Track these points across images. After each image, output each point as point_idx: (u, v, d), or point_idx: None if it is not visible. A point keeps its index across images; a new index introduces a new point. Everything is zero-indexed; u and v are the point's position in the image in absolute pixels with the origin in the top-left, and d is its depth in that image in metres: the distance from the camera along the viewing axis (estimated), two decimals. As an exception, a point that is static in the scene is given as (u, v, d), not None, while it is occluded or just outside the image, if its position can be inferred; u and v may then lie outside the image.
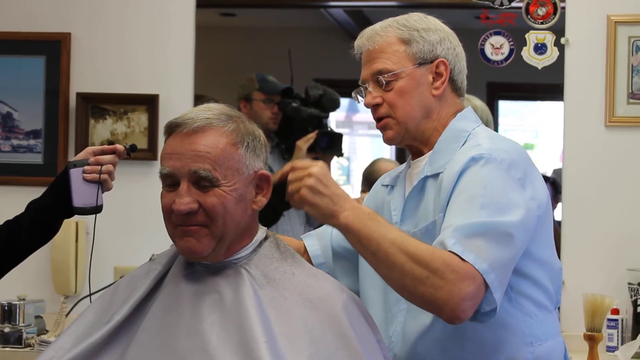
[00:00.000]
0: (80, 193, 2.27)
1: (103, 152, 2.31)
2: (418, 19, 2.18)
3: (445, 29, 2.20)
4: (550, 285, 2.12)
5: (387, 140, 2.21)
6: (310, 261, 2.33)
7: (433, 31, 2.17)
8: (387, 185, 2.29)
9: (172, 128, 1.96)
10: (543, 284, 2.10)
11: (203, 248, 1.93)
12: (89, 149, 2.33)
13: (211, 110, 1.97)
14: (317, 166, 1.97)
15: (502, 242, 1.93)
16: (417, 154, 2.21)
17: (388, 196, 2.25)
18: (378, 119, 2.19)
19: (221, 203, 1.91)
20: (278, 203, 2.02)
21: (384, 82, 2.15)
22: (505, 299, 2.00)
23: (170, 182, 1.94)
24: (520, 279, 2.06)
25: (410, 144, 2.21)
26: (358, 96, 2.22)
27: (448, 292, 1.86)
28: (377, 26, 2.19)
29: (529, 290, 2.08)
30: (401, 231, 1.98)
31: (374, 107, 2.18)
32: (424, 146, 2.19)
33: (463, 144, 2.12)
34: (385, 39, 2.16)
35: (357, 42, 2.21)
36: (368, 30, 2.20)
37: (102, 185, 2.29)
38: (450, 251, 1.89)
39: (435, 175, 2.11)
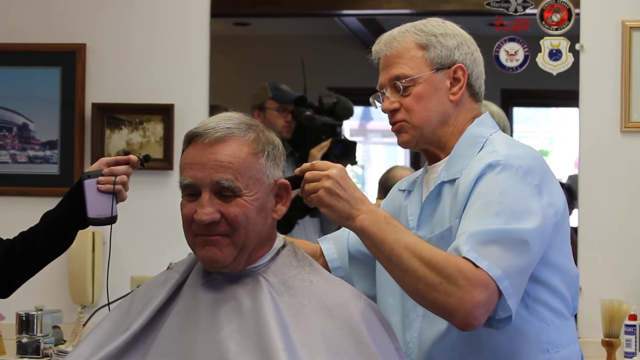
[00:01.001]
0: (95, 204, 2.27)
1: (117, 163, 2.31)
2: (436, 24, 2.18)
3: (463, 34, 2.20)
4: (567, 292, 2.11)
5: (402, 144, 2.20)
6: (326, 265, 2.33)
7: (451, 36, 2.17)
8: (404, 190, 2.29)
9: (193, 137, 1.95)
10: (560, 290, 2.09)
11: (225, 257, 1.92)
12: (103, 159, 2.34)
13: (231, 119, 1.96)
14: (336, 168, 1.98)
15: (517, 249, 1.92)
16: (434, 159, 2.21)
17: (405, 201, 2.25)
18: (394, 124, 2.19)
19: (243, 213, 1.91)
20: (292, 211, 2.02)
21: (401, 87, 2.15)
22: (521, 306, 1.99)
23: (191, 191, 1.93)
24: (536, 286, 2.05)
25: (425, 148, 2.21)
26: (375, 102, 2.22)
27: (460, 298, 1.86)
28: (395, 31, 2.19)
29: (545, 297, 2.07)
30: (417, 236, 1.98)
31: (391, 113, 2.17)
32: (441, 151, 2.19)
33: (480, 150, 2.12)
34: (402, 44, 2.16)
35: (375, 48, 2.21)
36: (386, 36, 2.20)
37: (117, 195, 2.28)
38: (464, 257, 1.88)
39: (452, 181, 2.11)
